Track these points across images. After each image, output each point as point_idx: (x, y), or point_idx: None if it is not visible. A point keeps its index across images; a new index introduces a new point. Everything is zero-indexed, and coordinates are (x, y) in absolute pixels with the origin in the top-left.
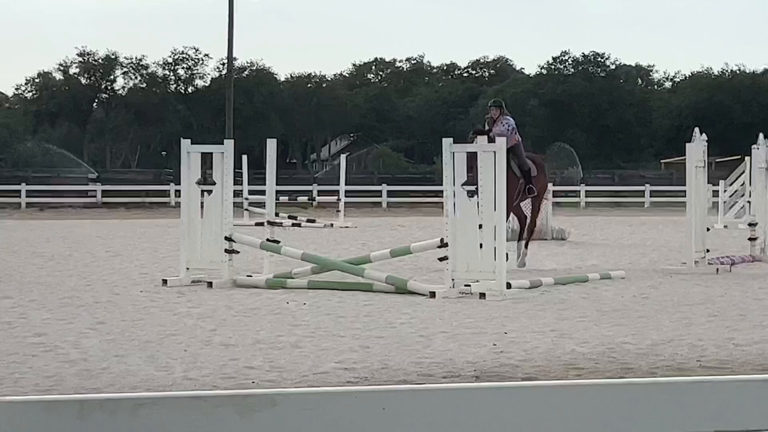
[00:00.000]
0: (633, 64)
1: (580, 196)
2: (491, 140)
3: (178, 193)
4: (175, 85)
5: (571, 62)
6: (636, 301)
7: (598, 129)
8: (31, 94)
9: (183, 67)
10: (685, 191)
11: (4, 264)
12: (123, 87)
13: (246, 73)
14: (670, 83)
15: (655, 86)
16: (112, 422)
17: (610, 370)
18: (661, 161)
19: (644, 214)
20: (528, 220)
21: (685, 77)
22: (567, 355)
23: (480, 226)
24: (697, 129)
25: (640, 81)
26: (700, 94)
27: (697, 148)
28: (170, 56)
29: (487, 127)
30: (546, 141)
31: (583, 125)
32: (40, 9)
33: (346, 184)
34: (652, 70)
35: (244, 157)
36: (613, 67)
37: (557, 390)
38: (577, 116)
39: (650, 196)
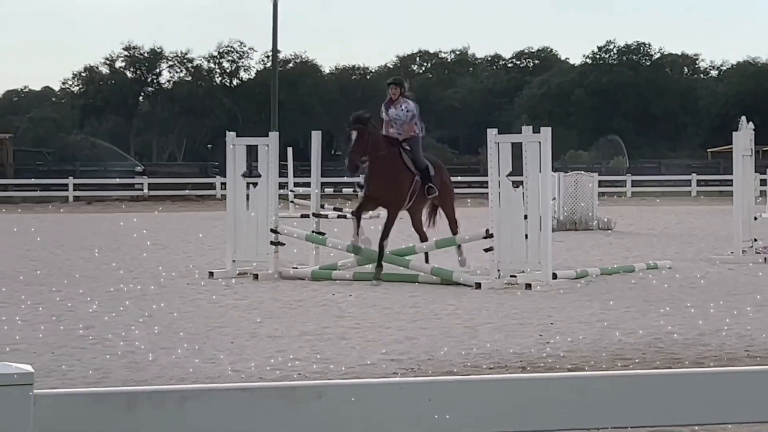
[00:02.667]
0: (678, 53)
1: (626, 186)
2: (363, 130)
3: (223, 185)
4: (220, 79)
5: (615, 52)
6: (683, 291)
7: (644, 118)
8: (77, 88)
9: (228, 60)
10: (731, 180)
11: (52, 257)
12: (168, 80)
13: (290, 65)
14: (717, 72)
15: (701, 75)
16: (159, 414)
17: (657, 360)
18: (708, 150)
19: (691, 204)
20: (451, 225)
21: (732, 66)
22: (613, 345)
23: (525, 217)
24: (743, 117)
25: (685, 70)
26: (746, 83)
27: (744, 137)
28: (215, 49)
29: (383, 109)
30: (591, 131)
31: (629, 115)
32: (85, 3)
33: None
34: (698, 59)
35: (289, 150)
36: (658, 56)
37: (604, 380)
38: (622, 106)
39: (697, 186)
